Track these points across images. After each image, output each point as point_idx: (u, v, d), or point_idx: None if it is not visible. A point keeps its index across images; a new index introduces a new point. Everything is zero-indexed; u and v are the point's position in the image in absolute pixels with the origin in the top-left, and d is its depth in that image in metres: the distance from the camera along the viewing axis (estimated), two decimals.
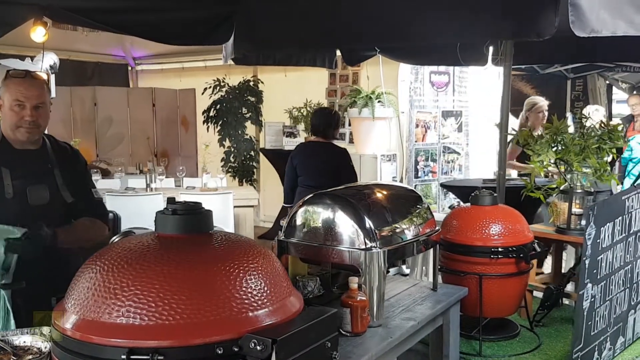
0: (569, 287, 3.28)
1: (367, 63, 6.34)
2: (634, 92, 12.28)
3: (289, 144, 6.82)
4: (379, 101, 6.06)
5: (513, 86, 8.46)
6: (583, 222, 3.13)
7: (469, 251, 2.72)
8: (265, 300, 1.55)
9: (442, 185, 5.11)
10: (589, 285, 2.33)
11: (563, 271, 3.52)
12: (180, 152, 8.94)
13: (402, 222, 2.33)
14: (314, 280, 2.43)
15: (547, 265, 3.95)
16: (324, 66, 5.19)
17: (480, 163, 6.67)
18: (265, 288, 1.58)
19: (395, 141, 6.28)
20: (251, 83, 7.76)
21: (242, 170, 7.71)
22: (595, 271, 2.35)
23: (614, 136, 3.07)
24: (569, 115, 11.39)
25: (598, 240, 2.33)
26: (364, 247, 2.14)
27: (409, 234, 2.33)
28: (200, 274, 1.50)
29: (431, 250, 2.56)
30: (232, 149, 7.64)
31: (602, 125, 3.10)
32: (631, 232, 2.57)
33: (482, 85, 6.87)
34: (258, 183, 8.03)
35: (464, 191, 4.83)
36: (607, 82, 11.97)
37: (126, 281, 1.43)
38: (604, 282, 2.43)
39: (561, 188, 3.12)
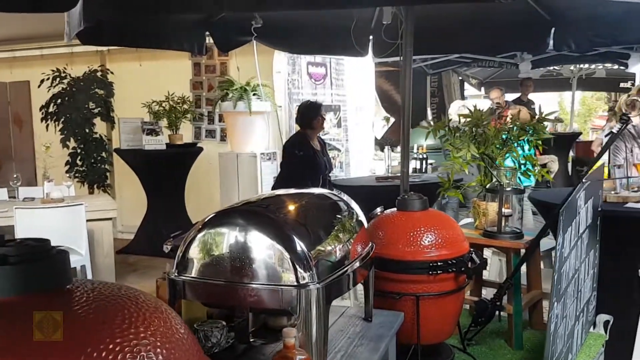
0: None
1: (237, 53, 5.70)
2: (482, 88, 13.00)
3: (151, 143, 5.94)
4: (254, 94, 5.44)
5: (375, 83, 8.38)
6: (510, 224, 2.82)
7: (403, 268, 2.25)
8: None
9: (334, 185, 4.66)
10: (556, 304, 1.96)
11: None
12: (13, 156, 7.67)
13: (338, 242, 1.77)
14: (219, 328, 1.78)
15: None
16: (193, 51, 4.48)
17: (360, 160, 6.35)
18: None
19: (273, 138, 5.70)
20: (99, 74, 6.70)
21: (92, 174, 6.64)
22: (559, 287, 1.99)
23: (538, 127, 2.78)
24: (428, 110, 11.71)
25: (562, 250, 1.97)
26: (296, 282, 1.54)
27: (348, 258, 1.78)
28: None
29: None
30: (79, 150, 6.55)
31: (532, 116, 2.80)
32: (580, 233, 2.26)
33: (357, 78, 6.55)
34: (113, 189, 7.00)
35: (357, 190, 4.41)
36: (460, 78, 12.52)
37: None
38: (563, 297, 2.09)
39: (487, 186, 2.77)
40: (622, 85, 12.18)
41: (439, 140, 6.84)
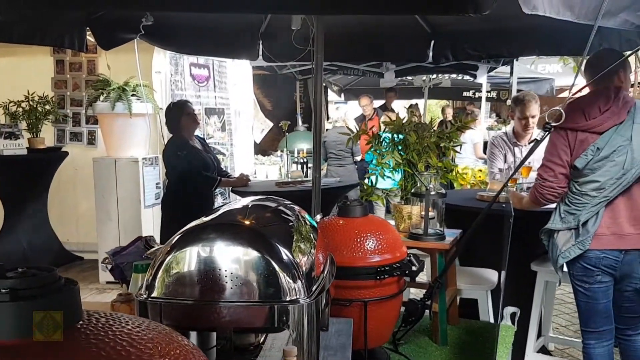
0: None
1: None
2: (342, 95, 13.49)
3: (10, 148, 5.28)
4: (133, 94, 5.08)
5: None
6: (433, 226, 2.93)
7: (351, 274, 2.23)
8: None
9: (235, 192, 4.50)
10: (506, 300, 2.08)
11: None
12: None
13: (311, 253, 1.70)
14: None
15: None
16: (73, 47, 4.09)
17: (242, 165, 6.23)
18: None
19: (154, 142, 5.36)
20: None
21: None
22: (507, 284, 2.12)
23: (452, 135, 2.94)
24: (298, 116, 11.89)
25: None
26: (288, 297, 1.45)
27: (321, 269, 1.72)
28: None
29: None
30: None
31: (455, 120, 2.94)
32: None
33: (237, 81, 6.44)
34: None
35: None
36: (324, 84, 12.91)
37: None
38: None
39: (412, 191, 2.85)
40: (465, 94, 13.41)
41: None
